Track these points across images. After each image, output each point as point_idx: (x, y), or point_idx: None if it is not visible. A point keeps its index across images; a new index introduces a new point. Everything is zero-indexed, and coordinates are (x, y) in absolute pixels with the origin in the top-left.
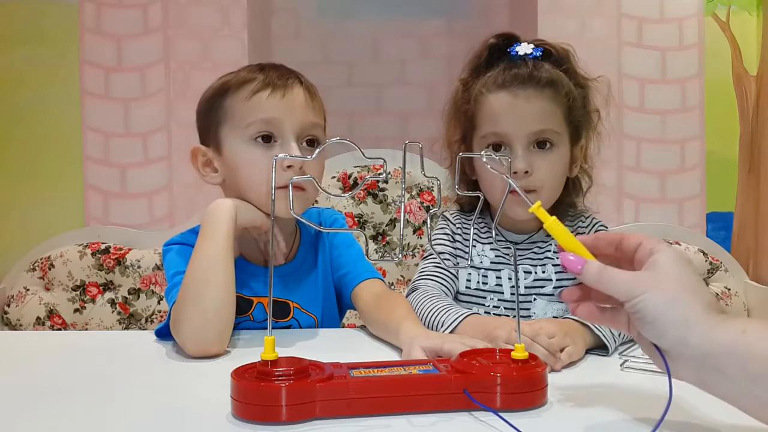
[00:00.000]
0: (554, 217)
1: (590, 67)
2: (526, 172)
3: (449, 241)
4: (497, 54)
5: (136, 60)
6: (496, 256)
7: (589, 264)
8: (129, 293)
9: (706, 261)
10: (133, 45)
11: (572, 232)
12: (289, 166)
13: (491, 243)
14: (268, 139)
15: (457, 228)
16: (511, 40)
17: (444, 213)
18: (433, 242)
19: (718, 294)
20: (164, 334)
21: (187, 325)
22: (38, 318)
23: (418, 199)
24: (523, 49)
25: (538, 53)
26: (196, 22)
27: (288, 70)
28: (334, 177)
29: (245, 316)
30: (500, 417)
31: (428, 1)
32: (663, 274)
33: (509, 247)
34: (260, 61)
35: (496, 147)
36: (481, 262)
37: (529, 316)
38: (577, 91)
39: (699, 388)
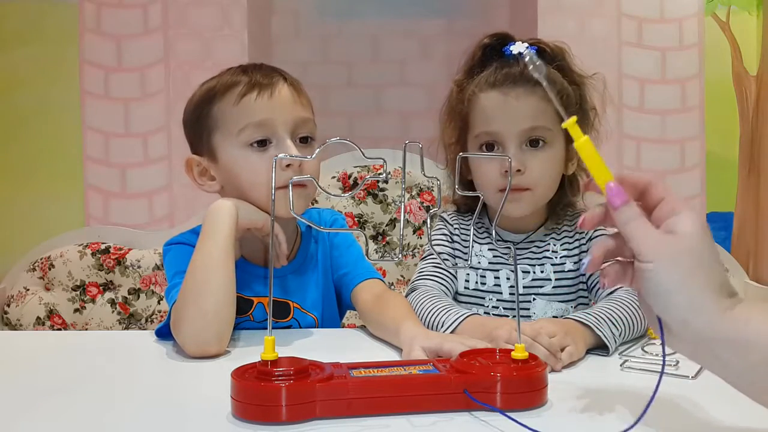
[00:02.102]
0: (587, 137)
1: (590, 68)
2: (519, 170)
3: (447, 241)
4: (491, 54)
5: (136, 60)
6: (494, 256)
7: (628, 206)
8: (129, 293)
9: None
10: (133, 45)
11: (571, 232)
12: (288, 165)
13: (488, 243)
14: (263, 142)
15: (455, 228)
16: (506, 39)
17: (441, 214)
18: (431, 243)
19: None
20: (164, 333)
21: (188, 325)
22: (38, 318)
23: (418, 199)
24: (517, 48)
25: (532, 51)
26: (196, 22)
27: (271, 69)
28: (334, 177)
29: (245, 316)
30: (506, 415)
31: (428, 1)
32: (681, 244)
33: (509, 247)
34: (261, 61)
35: (489, 146)
36: (479, 263)
37: (529, 317)
38: (573, 89)
39: (693, 361)
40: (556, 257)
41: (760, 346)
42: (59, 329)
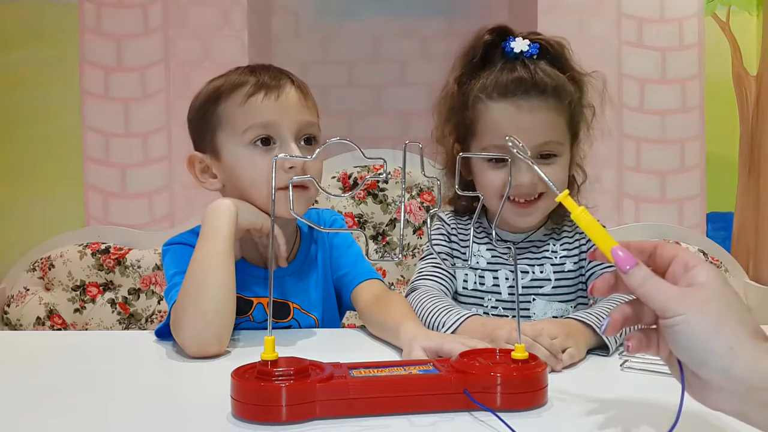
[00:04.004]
0: (582, 207)
1: (590, 68)
2: (533, 183)
3: (446, 241)
4: (493, 51)
5: (136, 60)
6: (493, 256)
7: (638, 267)
8: (129, 293)
9: (706, 261)
10: (133, 45)
11: (571, 231)
12: (290, 167)
13: (487, 243)
14: (266, 141)
15: (452, 228)
16: (505, 33)
17: (438, 214)
18: (431, 243)
19: None
20: (164, 333)
21: (188, 325)
22: (38, 318)
23: (418, 199)
24: (519, 45)
25: (535, 50)
26: (196, 22)
27: (278, 70)
28: (334, 177)
29: (245, 317)
30: (498, 417)
31: (428, 1)
32: (708, 294)
33: (508, 247)
34: (260, 61)
35: (498, 160)
36: (477, 263)
37: (529, 317)
38: (574, 88)
39: (738, 419)
40: (555, 257)
41: None
42: (59, 329)
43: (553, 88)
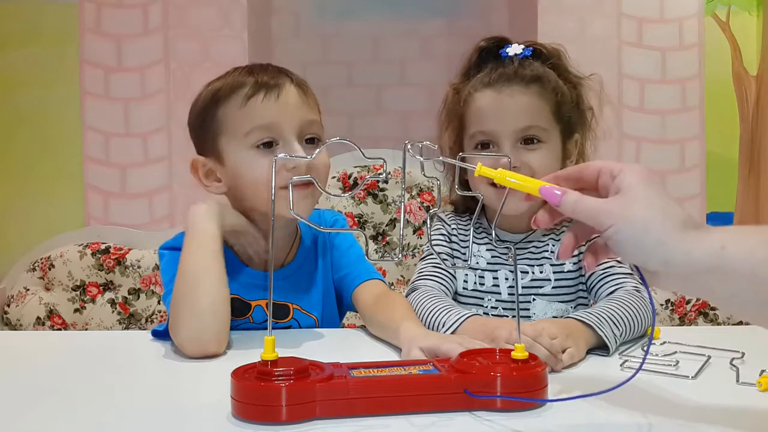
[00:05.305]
0: (500, 169)
1: (590, 67)
2: (515, 167)
3: (446, 241)
4: (487, 56)
5: (136, 60)
6: (493, 256)
7: (567, 195)
8: (129, 293)
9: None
10: (133, 45)
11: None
12: (293, 167)
13: (487, 244)
14: (269, 144)
15: (452, 229)
16: (502, 42)
17: (438, 214)
18: (431, 243)
19: None
20: (160, 334)
21: (184, 327)
22: (38, 318)
23: (418, 199)
24: (513, 50)
25: (528, 53)
26: (196, 22)
27: (277, 69)
28: (334, 177)
29: (244, 318)
30: (504, 397)
31: (428, 1)
32: (630, 199)
33: (508, 248)
34: (260, 61)
35: (484, 145)
36: (477, 263)
37: (529, 317)
38: (569, 89)
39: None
40: (555, 257)
41: (741, 273)
42: (59, 329)
43: (535, 77)
